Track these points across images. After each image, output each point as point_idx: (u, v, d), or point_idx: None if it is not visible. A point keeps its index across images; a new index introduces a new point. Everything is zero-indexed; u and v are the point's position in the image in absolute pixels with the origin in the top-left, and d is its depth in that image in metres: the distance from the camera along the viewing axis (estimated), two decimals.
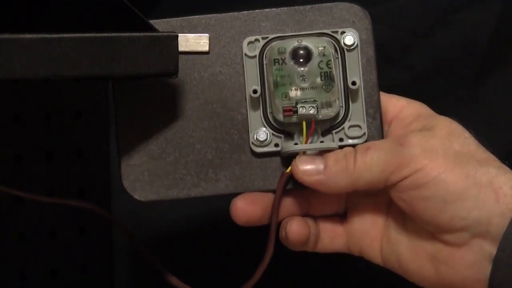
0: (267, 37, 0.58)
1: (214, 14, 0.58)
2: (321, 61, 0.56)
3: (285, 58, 0.56)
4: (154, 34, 0.53)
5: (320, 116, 0.56)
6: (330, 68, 0.56)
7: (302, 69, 0.56)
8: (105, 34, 0.52)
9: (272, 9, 0.58)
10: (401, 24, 0.73)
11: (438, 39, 0.73)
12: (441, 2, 0.73)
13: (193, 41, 0.54)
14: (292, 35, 0.57)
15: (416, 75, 0.74)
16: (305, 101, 0.56)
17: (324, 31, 0.58)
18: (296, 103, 0.56)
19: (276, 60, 0.56)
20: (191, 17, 0.58)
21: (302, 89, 0.56)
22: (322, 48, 0.56)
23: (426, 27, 0.73)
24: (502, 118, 0.75)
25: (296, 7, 0.58)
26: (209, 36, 0.54)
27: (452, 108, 0.73)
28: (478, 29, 0.73)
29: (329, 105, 0.56)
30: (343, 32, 0.57)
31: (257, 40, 0.58)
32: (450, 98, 0.74)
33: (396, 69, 0.73)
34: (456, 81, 0.74)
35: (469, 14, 0.73)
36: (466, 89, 0.74)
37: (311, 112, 0.56)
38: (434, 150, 0.54)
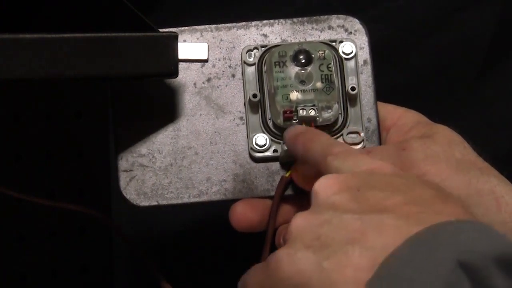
0: (266, 46, 0.58)
1: (214, 25, 0.58)
2: (322, 64, 0.56)
3: (286, 61, 0.56)
4: (154, 34, 0.53)
5: (320, 120, 0.56)
6: (331, 71, 0.56)
7: (303, 71, 0.56)
8: (105, 34, 0.52)
9: (270, 20, 0.59)
10: (401, 24, 0.73)
11: (438, 39, 0.73)
12: (441, 2, 0.73)
13: (193, 49, 0.55)
14: (290, 44, 0.58)
15: (416, 75, 0.74)
16: (305, 104, 0.56)
17: (322, 40, 0.58)
18: (296, 106, 0.56)
19: (277, 63, 0.56)
20: (191, 27, 0.58)
21: (303, 91, 0.56)
22: (323, 52, 0.57)
23: (426, 27, 0.73)
24: (502, 118, 0.75)
25: (294, 18, 0.59)
26: (208, 45, 0.55)
27: (452, 108, 0.73)
28: (478, 29, 0.73)
29: (329, 108, 0.56)
30: (341, 41, 0.58)
31: (256, 48, 0.58)
32: (450, 98, 0.74)
33: (396, 69, 0.73)
34: (456, 81, 0.74)
35: (469, 14, 0.73)
36: (466, 89, 0.74)
37: (312, 114, 0.56)
38: (436, 156, 0.54)
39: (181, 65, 0.55)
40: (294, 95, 0.56)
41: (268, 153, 0.58)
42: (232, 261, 0.73)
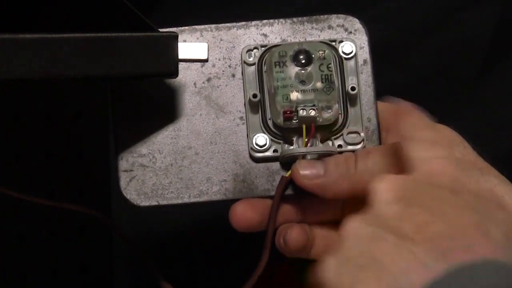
0: (266, 45, 0.58)
1: (214, 24, 0.59)
2: (322, 64, 0.56)
3: (286, 61, 0.56)
4: (154, 34, 0.53)
5: (321, 120, 0.56)
6: (331, 71, 0.56)
7: (303, 71, 0.56)
8: (105, 34, 0.52)
9: (270, 20, 0.59)
10: (401, 24, 0.73)
11: (438, 39, 0.73)
12: (441, 2, 0.73)
13: (193, 49, 0.55)
14: (290, 43, 0.58)
15: (416, 75, 0.74)
16: (305, 104, 0.56)
17: (322, 40, 0.58)
18: (297, 106, 0.56)
19: (277, 63, 0.56)
20: (191, 27, 0.59)
21: (303, 91, 0.56)
22: (323, 52, 0.57)
23: (426, 27, 0.73)
24: (502, 118, 0.75)
25: (294, 18, 0.59)
26: (208, 45, 0.56)
27: (452, 108, 0.73)
28: (478, 29, 0.73)
29: (329, 108, 0.56)
30: (341, 41, 0.58)
31: (256, 48, 0.58)
32: (450, 98, 0.74)
33: (396, 69, 0.73)
34: (456, 82, 0.74)
35: (469, 14, 0.73)
36: (466, 89, 0.74)
37: (312, 114, 0.56)
38: (436, 156, 0.54)
39: (181, 65, 0.55)
40: (294, 95, 0.56)
41: (268, 153, 0.58)
42: (232, 261, 0.73)
